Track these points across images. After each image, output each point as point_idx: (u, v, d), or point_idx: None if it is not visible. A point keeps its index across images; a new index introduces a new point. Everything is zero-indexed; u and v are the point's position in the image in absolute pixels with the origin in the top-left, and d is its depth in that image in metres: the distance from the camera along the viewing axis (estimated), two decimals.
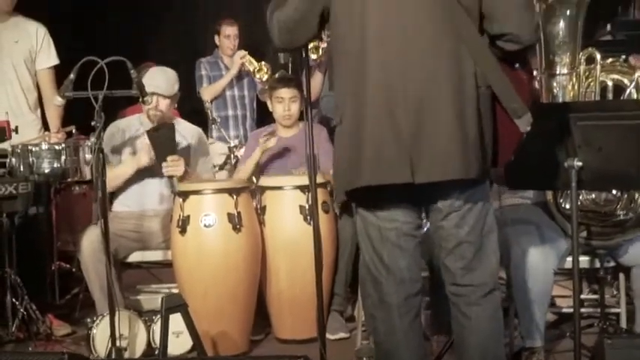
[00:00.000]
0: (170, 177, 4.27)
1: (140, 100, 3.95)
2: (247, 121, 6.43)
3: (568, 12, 3.44)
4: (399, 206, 2.75)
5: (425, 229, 3.02)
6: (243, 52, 6.21)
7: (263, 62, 6.14)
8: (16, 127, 4.26)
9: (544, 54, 3.51)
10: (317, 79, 5.64)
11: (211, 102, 6.24)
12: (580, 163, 2.98)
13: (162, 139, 4.18)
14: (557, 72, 3.49)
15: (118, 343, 3.42)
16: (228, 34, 6.37)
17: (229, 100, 6.38)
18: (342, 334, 4.12)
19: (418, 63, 2.60)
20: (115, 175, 4.27)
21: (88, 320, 3.82)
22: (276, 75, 5.06)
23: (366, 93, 2.63)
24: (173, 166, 4.18)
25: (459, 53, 2.61)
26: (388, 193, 2.69)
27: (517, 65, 2.73)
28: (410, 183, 2.58)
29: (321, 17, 2.76)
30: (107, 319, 3.46)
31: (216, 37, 6.46)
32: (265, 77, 6.08)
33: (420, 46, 2.61)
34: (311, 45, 4.69)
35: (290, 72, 5.30)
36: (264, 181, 4.31)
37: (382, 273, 2.79)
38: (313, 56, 5.40)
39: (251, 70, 6.17)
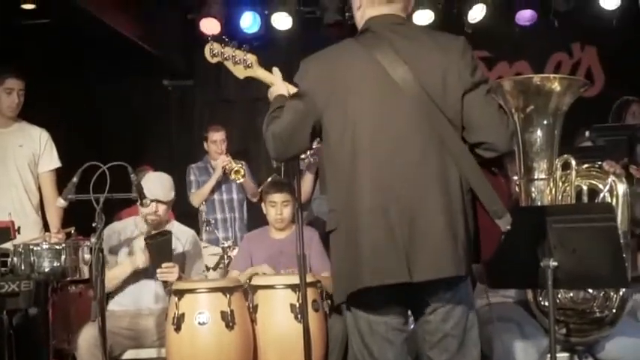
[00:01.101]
0: (164, 282, 4.33)
1: (139, 203, 4.08)
2: (236, 223, 6.52)
3: (545, 121, 3.51)
4: (390, 302, 2.82)
5: (411, 326, 3.06)
6: (226, 157, 6.35)
7: (241, 164, 6.28)
8: (19, 228, 4.29)
9: (523, 160, 3.57)
10: (307, 182, 5.72)
11: (200, 206, 6.37)
12: (555, 263, 3.07)
13: (159, 246, 4.26)
14: (535, 177, 3.55)
15: None
16: (215, 140, 6.51)
17: (217, 203, 6.49)
18: None
19: (408, 170, 2.72)
20: (113, 276, 4.33)
21: None
22: (269, 179, 5.17)
23: (359, 199, 2.74)
24: (167, 272, 4.26)
25: (444, 161, 2.74)
26: (382, 291, 2.74)
27: (495, 170, 2.86)
28: (407, 283, 2.68)
29: (313, 130, 2.87)
30: None
31: (204, 143, 6.60)
32: (240, 180, 6.26)
33: (409, 155, 2.74)
34: None
35: (282, 176, 5.44)
36: (257, 280, 4.33)
37: None
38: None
39: (228, 172, 6.30)
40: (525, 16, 7.55)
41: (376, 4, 2.90)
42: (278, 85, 3.15)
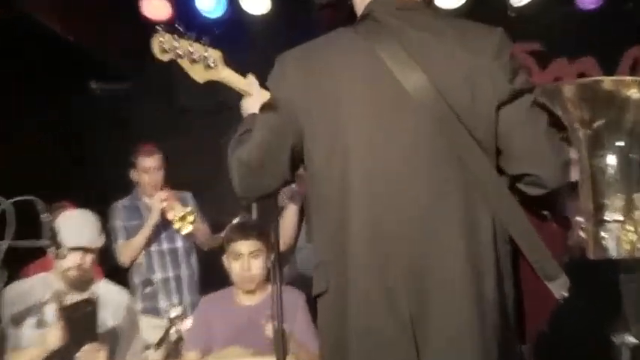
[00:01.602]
0: None
1: (53, 253, 4.05)
2: (185, 284, 6.44)
3: (620, 141, 3.50)
4: None
5: None
6: (164, 194, 6.31)
7: (189, 208, 6.25)
8: None
9: (590, 195, 3.53)
10: (290, 219, 5.67)
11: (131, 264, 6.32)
12: (635, 340, 3.09)
13: (79, 321, 4.25)
14: (608, 218, 3.49)
15: None
16: (147, 168, 6.47)
17: (156, 257, 6.41)
18: None
19: (418, 214, 2.71)
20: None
21: None
22: (234, 222, 5.16)
23: (350, 252, 2.73)
24: (91, 357, 4.25)
25: (471, 200, 2.73)
26: None
27: (546, 213, 2.86)
28: None
29: (293, 154, 2.88)
30: None
31: (132, 172, 6.56)
32: (186, 231, 6.21)
33: (421, 192, 2.72)
34: None
35: (253, 216, 5.42)
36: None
37: None
38: None
39: (170, 218, 6.26)
40: None
41: None
42: (254, 95, 3.17)
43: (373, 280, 2.70)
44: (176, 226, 6.22)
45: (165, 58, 3.29)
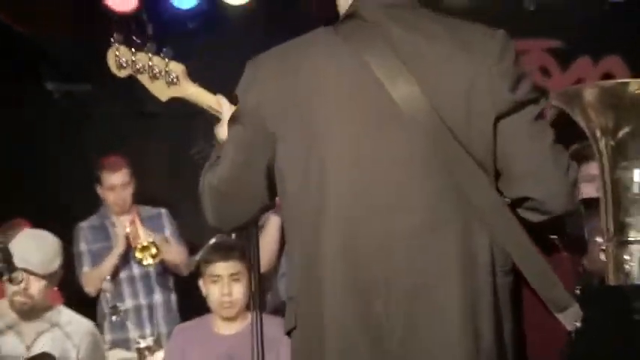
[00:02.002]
0: None
1: (4, 278, 4.10)
2: (158, 312, 6.47)
3: None
4: None
5: None
6: (129, 219, 6.36)
7: (152, 238, 6.28)
8: None
9: (612, 213, 3.63)
10: (271, 232, 5.68)
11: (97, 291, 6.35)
12: None
13: None
14: (631, 238, 3.60)
15: None
16: (113, 185, 6.51)
17: (126, 283, 6.45)
18: None
19: (405, 242, 2.68)
20: None
21: None
22: (211, 241, 5.19)
23: (325, 285, 2.71)
24: None
25: (467, 226, 2.70)
26: None
27: (555, 239, 2.85)
28: None
29: (269, 174, 2.84)
30: None
31: (98, 188, 6.59)
32: (147, 262, 6.25)
33: (408, 217, 2.69)
34: None
35: (231, 235, 5.45)
36: None
37: None
38: None
39: (133, 246, 6.30)
40: None
41: None
42: (224, 114, 3.13)
43: (353, 320, 2.69)
44: (137, 256, 6.27)
45: (122, 73, 3.29)
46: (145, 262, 6.25)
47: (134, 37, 3.33)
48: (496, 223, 2.73)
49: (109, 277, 6.35)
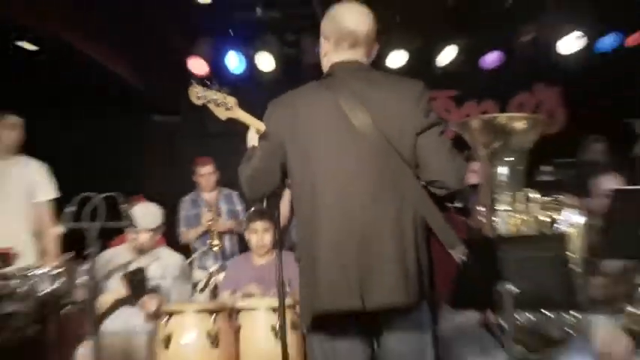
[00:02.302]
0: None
1: (128, 231, 4.10)
2: (227, 253, 6.35)
3: (509, 157, 3.60)
4: (350, 328, 2.81)
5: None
6: (209, 216, 6.25)
7: (217, 242, 6.18)
8: (18, 254, 4.28)
9: (487, 193, 3.64)
10: (286, 202, 5.48)
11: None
12: (514, 288, 3.09)
13: (133, 284, 4.31)
14: (499, 208, 3.61)
15: None
16: (203, 174, 6.46)
17: (206, 237, 6.33)
18: None
19: (361, 209, 2.72)
20: (105, 300, 4.37)
21: None
22: (252, 209, 5.16)
23: (317, 234, 2.75)
24: (145, 305, 4.32)
25: (398, 198, 2.73)
26: (342, 318, 2.77)
27: (448, 205, 2.90)
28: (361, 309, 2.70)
29: (281, 169, 2.87)
30: None
31: (194, 176, 6.52)
32: (216, 248, 6.18)
33: (364, 194, 2.73)
34: None
35: (264, 205, 5.43)
36: (240, 303, 4.36)
37: None
38: None
39: (211, 230, 6.24)
40: (491, 58, 7.66)
41: (340, 51, 2.90)
42: (256, 128, 3.08)
43: (333, 254, 2.73)
44: (213, 240, 6.21)
45: (198, 103, 3.20)
46: (214, 248, 6.19)
47: (206, 80, 3.29)
48: (416, 198, 2.74)
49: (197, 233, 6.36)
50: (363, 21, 2.90)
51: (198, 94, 3.22)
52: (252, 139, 3.06)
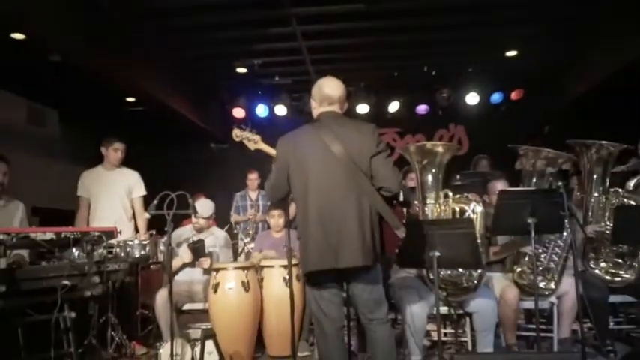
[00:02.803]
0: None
1: (193, 216, 3.98)
2: (259, 228, 6.15)
3: (434, 170, 3.51)
4: (331, 280, 2.81)
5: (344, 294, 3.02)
6: (252, 213, 6.02)
7: (249, 238, 5.85)
8: (120, 231, 4.17)
9: (420, 193, 3.55)
10: (293, 206, 5.57)
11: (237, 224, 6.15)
12: (438, 253, 3.06)
13: (196, 249, 4.20)
14: (428, 202, 3.53)
15: (174, 359, 3.36)
16: (251, 179, 6.32)
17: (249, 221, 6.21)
18: (307, 353, 4.05)
19: (337, 203, 2.69)
20: (176, 262, 4.25)
21: (157, 344, 3.73)
22: (269, 203, 5.08)
23: (308, 218, 2.73)
24: (202, 264, 4.20)
25: (361, 197, 2.70)
26: (325, 273, 2.75)
27: (395, 202, 2.80)
28: (336, 268, 2.68)
29: (288, 182, 2.81)
30: (169, 344, 3.39)
31: (246, 180, 6.39)
32: (251, 231, 5.93)
33: (339, 194, 2.70)
34: None
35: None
36: (263, 262, 4.27)
37: (322, 316, 2.82)
38: None
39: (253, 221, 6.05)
40: (422, 108, 7.64)
41: (324, 105, 2.86)
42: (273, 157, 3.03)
43: (318, 230, 2.70)
44: (246, 233, 5.96)
45: (237, 139, 3.22)
46: (249, 232, 5.96)
47: (242, 125, 3.26)
48: (372, 196, 2.68)
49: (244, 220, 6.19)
50: (337, 88, 2.86)
51: (236, 135, 3.23)
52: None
